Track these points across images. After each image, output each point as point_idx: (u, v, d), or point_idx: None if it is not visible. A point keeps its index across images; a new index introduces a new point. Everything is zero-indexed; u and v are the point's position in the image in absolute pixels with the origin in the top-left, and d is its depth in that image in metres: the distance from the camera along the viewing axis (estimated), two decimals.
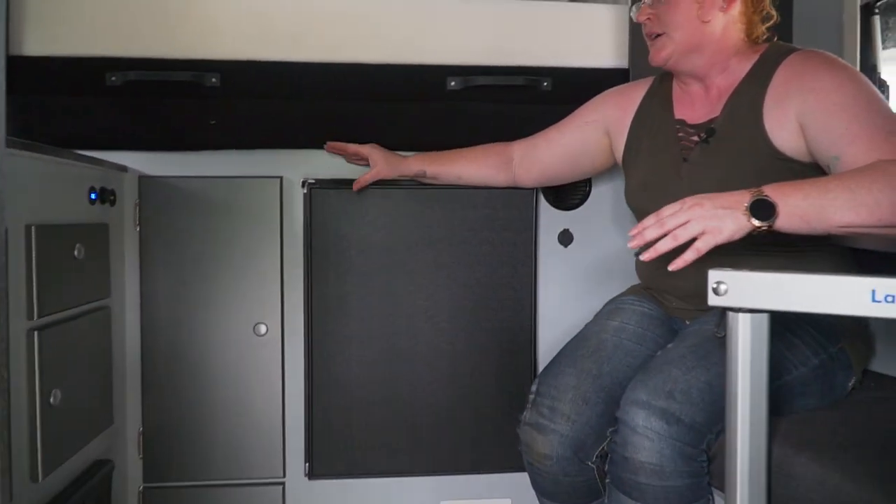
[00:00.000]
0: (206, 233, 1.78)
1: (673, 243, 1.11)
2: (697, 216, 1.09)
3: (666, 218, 1.11)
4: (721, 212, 1.09)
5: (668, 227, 1.11)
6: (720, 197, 1.11)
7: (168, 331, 1.78)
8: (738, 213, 1.09)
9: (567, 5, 1.90)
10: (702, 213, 1.10)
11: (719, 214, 1.09)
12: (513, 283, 1.86)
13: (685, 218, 1.10)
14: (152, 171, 1.78)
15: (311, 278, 1.81)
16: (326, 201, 1.80)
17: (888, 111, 1.24)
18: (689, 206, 1.11)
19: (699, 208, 1.10)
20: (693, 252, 1.10)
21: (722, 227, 1.09)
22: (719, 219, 1.09)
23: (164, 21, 1.72)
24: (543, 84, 1.82)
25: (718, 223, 1.09)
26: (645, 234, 1.13)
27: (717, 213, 1.09)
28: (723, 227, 1.09)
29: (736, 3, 1.39)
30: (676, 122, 1.48)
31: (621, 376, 1.37)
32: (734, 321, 0.97)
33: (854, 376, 1.33)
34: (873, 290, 0.88)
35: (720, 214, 1.09)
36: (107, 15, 1.70)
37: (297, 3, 1.79)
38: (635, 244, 1.14)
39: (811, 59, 1.32)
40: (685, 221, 1.10)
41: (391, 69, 1.79)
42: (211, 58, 1.73)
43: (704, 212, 1.10)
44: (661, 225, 1.11)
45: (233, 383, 1.80)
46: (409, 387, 1.84)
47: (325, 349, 1.82)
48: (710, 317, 1.32)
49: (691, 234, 1.10)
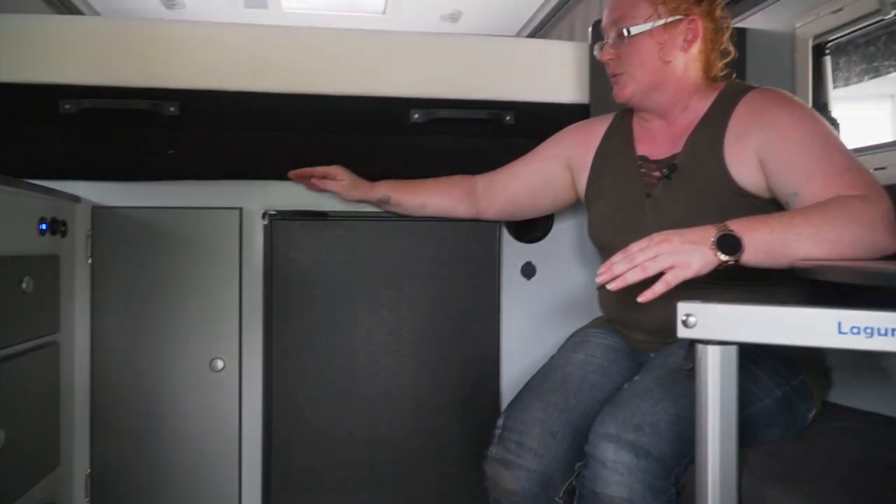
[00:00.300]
0: (162, 265, 1.73)
1: (642, 274, 1.11)
2: (666, 251, 1.11)
3: (635, 253, 1.12)
4: (689, 247, 1.11)
5: (638, 262, 1.12)
6: (687, 232, 1.13)
7: (120, 367, 1.71)
8: (705, 247, 1.10)
9: (529, 41, 1.94)
10: (670, 248, 1.11)
11: (687, 249, 1.10)
12: (476, 316, 1.85)
13: (654, 252, 1.11)
14: (106, 201, 1.73)
15: (271, 312, 1.77)
16: (287, 233, 1.77)
17: (842, 148, 1.27)
18: (657, 241, 1.12)
19: (667, 244, 1.11)
20: (662, 284, 1.11)
21: (690, 261, 1.10)
22: (687, 253, 1.10)
23: (120, 49, 1.70)
24: (506, 118, 1.84)
25: (687, 258, 1.10)
26: (614, 269, 1.13)
27: (685, 247, 1.11)
28: (691, 261, 1.10)
29: (696, 43, 1.42)
30: (638, 158, 1.50)
31: (588, 410, 1.37)
32: (703, 353, 0.98)
33: (815, 408, 1.35)
34: (839, 322, 0.90)
35: (688, 249, 1.10)
36: (61, 41, 1.67)
37: (258, 32, 1.79)
38: (604, 279, 1.14)
39: (769, 97, 1.36)
40: (654, 256, 1.11)
41: (354, 101, 1.79)
42: (170, 86, 1.71)
43: (673, 247, 1.11)
44: (630, 260, 1.12)
45: (187, 421, 1.74)
46: (371, 423, 1.80)
47: (285, 385, 1.77)
48: (676, 348, 1.33)
49: (661, 268, 1.11)
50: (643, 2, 1.41)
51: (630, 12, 1.41)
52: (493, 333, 1.85)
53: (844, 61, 1.73)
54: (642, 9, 1.40)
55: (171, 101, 1.70)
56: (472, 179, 1.74)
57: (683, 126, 1.45)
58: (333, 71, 1.79)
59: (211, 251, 1.75)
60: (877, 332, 0.88)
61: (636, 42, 1.41)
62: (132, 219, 1.72)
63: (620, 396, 1.27)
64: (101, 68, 1.68)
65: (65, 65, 1.67)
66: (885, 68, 1.64)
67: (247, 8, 3.77)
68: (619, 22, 1.42)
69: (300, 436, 1.77)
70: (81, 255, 1.71)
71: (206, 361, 1.75)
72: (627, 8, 1.42)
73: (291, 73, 1.77)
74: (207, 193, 1.78)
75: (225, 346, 1.75)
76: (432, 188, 1.74)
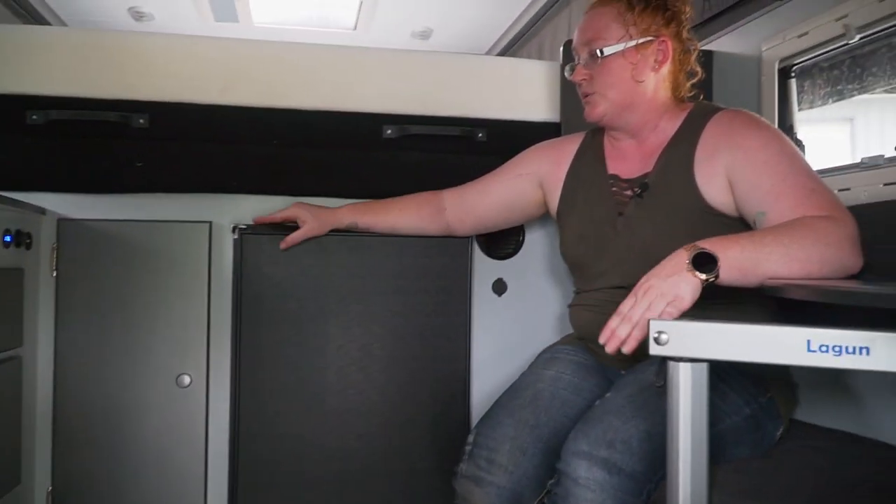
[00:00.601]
0: (129, 279, 1.70)
1: (645, 329, 1.07)
2: (656, 296, 1.09)
3: (629, 312, 1.11)
4: (672, 280, 1.10)
5: (636, 318, 1.10)
6: (662, 268, 1.12)
7: (84, 382, 1.68)
8: (686, 273, 1.10)
9: (501, 60, 1.97)
10: (657, 291, 1.10)
11: (672, 283, 1.09)
12: (447, 332, 1.84)
13: (646, 303, 1.10)
14: (73, 213, 1.70)
15: (240, 327, 1.74)
16: (257, 248, 1.75)
17: (809, 169, 1.30)
18: (642, 292, 1.11)
19: (652, 289, 1.10)
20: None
21: (680, 293, 1.09)
22: (675, 286, 1.09)
23: (90, 59, 1.67)
24: (478, 135, 1.85)
25: (677, 290, 1.09)
26: (617, 333, 1.11)
27: (669, 283, 1.10)
28: (681, 292, 1.09)
29: (666, 63, 1.45)
30: (610, 177, 1.52)
31: (558, 427, 1.37)
32: (675, 370, 0.98)
33: (782, 425, 1.37)
34: (809, 340, 0.91)
35: (673, 283, 1.09)
36: (28, 51, 1.64)
37: (230, 46, 1.78)
38: (612, 348, 1.12)
39: (738, 118, 1.38)
40: (648, 306, 1.09)
41: (326, 115, 1.79)
42: (140, 98, 1.69)
43: (659, 289, 1.10)
44: (628, 320, 1.10)
45: (152, 438, 1.71)
46: (340, 440, 1.78)
47: (253, 401, 1.74)
48: (647, 365, 1.34)
49: (659, 312, 1.09)
50: (615, 23, 1.43)
51: (602, 33, 1.43)
52: (464, 350, 1.85)
53: (809, 84, 1.77)
54: (614, 30, 1.43)
55: (141, 113, 1.68)
56: (439, 196, 1.74)
57: (654, 145, 1.47)
58: (306, 85, 1.78)
59: (179, 265, 1.73)
60: (845, 350, 0.89)
61: (609, 62, 1.43)
62: (99, 231, 1.69)
63: (592, 413, 1.27)
64: (70, 79, 1.65)
65: (32, 75, 1.64)
66: (849, 91, 1.68)
67: (217, 21, 3.75)
68: (591, 42, 1.44)
69: (268, 453, 1.74)
70: (46, 268, 1.67)
71: (173, 377, 1.72)
72: (600, 29, 1.44)
73: (263, 86, 1.76)
74: (176, 207, 1.76)
75: (192, 361, 1.72)
76: (401, 210, 1.72)
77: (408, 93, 1.83)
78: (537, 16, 3.50)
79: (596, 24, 1.45)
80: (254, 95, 1.75)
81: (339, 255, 1.78)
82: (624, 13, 1.43)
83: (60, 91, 1.64)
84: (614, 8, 1.44)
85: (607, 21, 1.44)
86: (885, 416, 1.40)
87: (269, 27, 3.86)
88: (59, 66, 1.65)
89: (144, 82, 1.69)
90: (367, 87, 1.82)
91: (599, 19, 1.45)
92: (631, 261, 1.39)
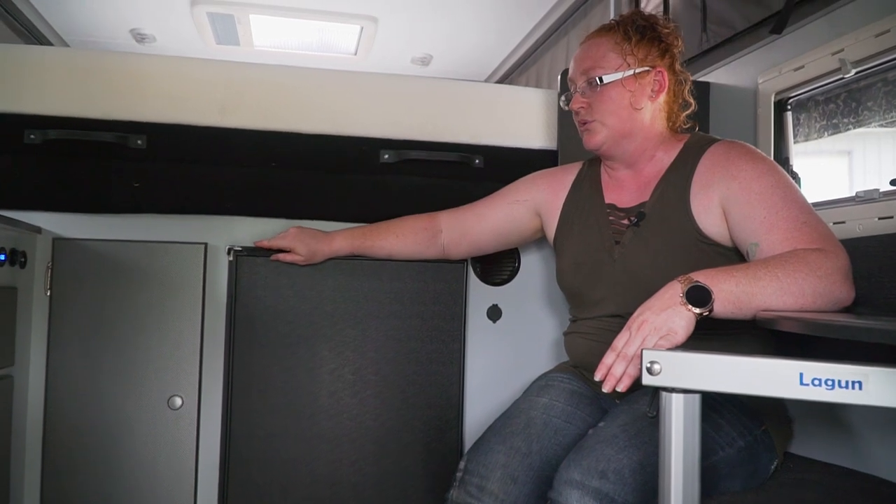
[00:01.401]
0: (123, 299, 1.70)
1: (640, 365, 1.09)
2: (650, 331, 1.09)
3: (623, 348, 1.10)
4: (666, 314, 1.09)
5: (631, 354, 1.09)
6: (655, 301, 1.12)
7: (75, 403, 1.66)
8: (679, 306, 1.09)
9: (500, 87, 1.97)
10: (651, 325, 1.09)
11: (666, 318, 1.09)
12: (441, 357, 1.83)
13: (640, 339, 1.09)
14: (69, 233, 1.70)
15: (233, 350, 1.73)
16: (253, 270, 1.75)
17: (803, 201, 1.30)
18: (636, 327, 1.10)
19: (647, 324, 1.09)
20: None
21: (674, 327, 1.08)
22: (669, 320, 1.09)
23: (89, 80, 1.68)
24: (475, 161, 1.85)
25: (670, 324, 1.09)
26: (613, 371, 1.10)
27: (663, 318, 1.09)
28: (675, 327, 1.08)
29: (662, 93, 1.46)
30: (607, 206, 1.52)
31: (550, 455, 1.36)
32: (668, 401, 0.98)
33: (777, 459, 1.36)
34: (801, 374, 0.91)
35: (667, 317, 1.09)
36: (27, 71, 1.65)
37: (229, 68, 1.79)
38: (608, 387, 1.10)
39: (734, 149, 1.39)
40: (642, 341, 1.09)
41: (324, 139, 1.79)
42: (138, 119, 1.69)
43: (653, 324, 1.09)
44: (623, 357, 1.10)
45: (143, 460, 1.69)
46: (332, 465, 1.76)
47: (244, 425, 1.73)
48: (641, 395, 1.33)
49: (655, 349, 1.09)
50: (612, 52, 1.45)
51: (601, 62, 1.45)
52: (458, 376, 1.84)
53: (805, 117, 1.78)
54: (612, 59, 1.44)
55: (139, 134, 1.69)
56: (435, 220, 1.74)
57: (650, 175, 1.48)
58: (304, 109, 1.79)
59: (174, 286, 1.72)
60: (838, 384, 0.89)
61: (608, 90, 1.44)
62: (94, 251, 1.69)
63: (585, 442, 1.26)
64: (68, 99, 1.66)
65: (31, 94, 1.65)
66: (844, 125, 1.70)
67: (218, 44, 3.77)
68: (589, 71, 1.46)
69: (259, 477, 1.73)
70: (40, 288, 1.67)
71: (165, 398, 1.70)
72: (598, 58, 1.46)
73: (262, 109, 1.77)
74: (172, 227, 1.76)
75: (184, 383, 1.71)
76: (397, 236, 1.72)
77: (406, 118, 1.84)
78: (536, 44, 3.53)
79: (594, 54, 1.47)
80: (252, 118, 1.76)
81: (334, 279, 1.78)
82: (621, 43, 1.45)
83: (59, 111, 1.64)
84: (611, 39, 1.46)
85: (605, 51, 1.46)
86: (880, 451, 1.39)
87: (270, 51, 3.88)
88: (57, 86, 1.66)
89: (143, 103, 1.70)
90: (365, 111, 1.83)
91: (597, 49, 1.47)
92: (627, 289, 1.40)
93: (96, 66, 1.70)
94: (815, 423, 1.50)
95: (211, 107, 1.74)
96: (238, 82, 1.77)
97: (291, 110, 1.79)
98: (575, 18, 3.14)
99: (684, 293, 1.10)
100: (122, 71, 1.70)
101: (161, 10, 3.36)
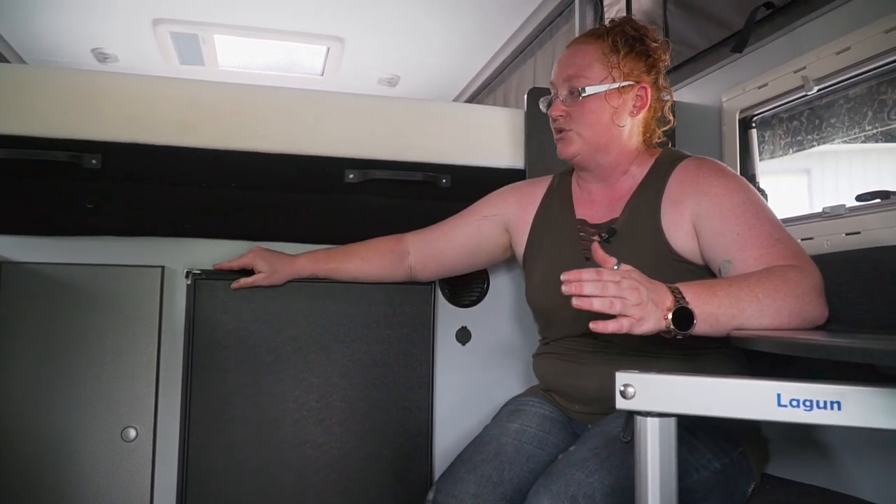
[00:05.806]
0: (74, 325, 1.62)
1: (607, 309, 1.06)
2: (633, 300, 1.06)
3: (607, 283, 1.07)
4: (650, 307, 1.07)
5: (608, 294, 1.06)
6: (652, 287, 1.09)
7: (23, 434, 1.58)
8: (661, 313, 1.08)
9: (466, 106, 1.94)
10: (637, 298, 1.07)
11: (648, 310, 1.07)
12: (409, 382, 1.78)
13: (623, 294, 1.06)
14: (16, 256, 1.62)
15: (191, 378, 1.66)
16: (212, 294, 1.69)
17: (774, 218, 1.29)
18: (627, 285, 1.07)
19: (636, 293, 1.07)
20: (615, 325, 1.06)
21: (646, 320, 1.07)
22: (646, 311, 1.07)
23: (39, 97, 1.61)
24: (442, 181, 1.82)
25: (644, 314, 1.07)
26: (584, 287, 1.07)
27: (647, 306, 1.07)
28: (646, 320, 1.07)
29: (644, 109, 1.44)
30: (578, 222, 1.49)
31: (522, 483, 1.31)
32: (642, 425, 0.95)
33: (754, 481, 1.33)
34: (779, 395, 0.88)
35: (649, 310, 1.07)
36: None
37: (188, 86, 1.73)
38: (571, 292, 1.07)
39: (704, 166, 1.37)
40: (622, 298, 1.06)
41: (287, 159, 1.74)
42: (92, 138, 1.63)
43: (640, 299, 1.07)
44: (602, 288, 1.06)
45: (94, 496, 1.60)
46: (297, 497, 1.69)
47: (202, 458, 1.66)
48: (613, 418, 1.30)
49: (622, 313, 1.06)
50: (598, 63, 1.41)
51: (585, 72, 1.42)
52: (426, 401, 1.79)
53: (770, 134, 1.78)
54: (597, 70, 1.41)
55: (93, 154, 1.62)
56: (401, 242, 1.69)
57: (622, 191, 1.45)
58: (266, 128, 1.74)
59: (129, 311, 1.65)
60: (816, 404, 0.87)
61: (590, 102, 1.41)
62: (44, 275, 1.61)
63: (555, 467, 1.22)
64: (18, 117, 1.59)
65: None
66: (808, 142, 1.70)
67: (182, 64, 3.71)
68: (572, 79, 1.42)
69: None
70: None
71: (118, 430, 1.63)
72: (582, 67, 1.42)
73: (222, 128, 1.71)
74: (127, 250, 1.69)
75: (139, 413, 1.64)
76: (363, 259, 1.67)
77: (371, 137, 1.80)
78: (503, 64, 3.53)
79: (579, 62, 1.43)
80: (212, 137, 1.70)
81: (297, 302, 1.72)
82: (608, 55, 1.41)
83: (7, 129, 1.57)
84: (598, 48, 1.43)
85: (591, 60, 1.42)
86: (858, 471, 1.37)
87: (236, 71, 3.84)
88: (5, 104, 1.59)
89: (98, 121, 1.63)
90: (329, 130, 1.78)
91: (583, 57, 1.43)
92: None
93: (49, 82, 1.63)
94: (792, 443, 1.48)
95: (169, 125, 1.68)
96: (198, 100, 1.71)
97: (253, 129, 1.73)
98: (541, 39, 3.14)
99: (673, 311, 1.08)
100: (76, 88, 1.64)
101: (123, 29, 3.31)
